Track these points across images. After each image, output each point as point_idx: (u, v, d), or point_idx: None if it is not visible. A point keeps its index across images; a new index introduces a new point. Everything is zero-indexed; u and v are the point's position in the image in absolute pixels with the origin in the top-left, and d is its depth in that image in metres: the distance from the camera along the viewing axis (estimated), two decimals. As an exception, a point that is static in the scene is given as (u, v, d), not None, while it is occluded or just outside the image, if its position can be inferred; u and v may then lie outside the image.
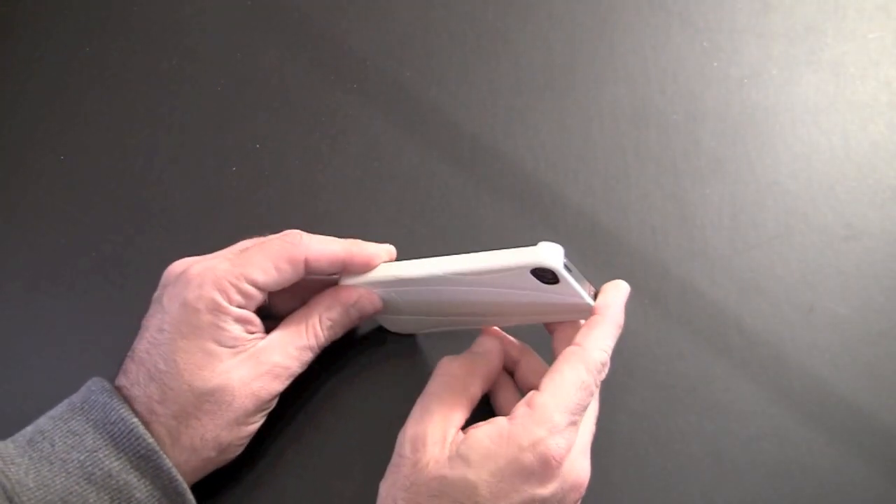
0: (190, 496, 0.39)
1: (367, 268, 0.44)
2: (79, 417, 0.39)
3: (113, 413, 0.38)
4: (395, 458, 0.39)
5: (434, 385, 0.41)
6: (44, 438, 0.38)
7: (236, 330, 0.41)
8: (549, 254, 0.38)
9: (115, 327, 0.44)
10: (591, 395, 0.39)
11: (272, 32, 0.60)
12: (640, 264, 0.51)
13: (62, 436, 0.38)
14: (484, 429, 0.38)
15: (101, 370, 0.42)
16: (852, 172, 0.53)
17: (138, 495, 0.38)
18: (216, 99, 0.57)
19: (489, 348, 0.44)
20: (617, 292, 0.42)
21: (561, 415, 0.37)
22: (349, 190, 0.54)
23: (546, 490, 0.37)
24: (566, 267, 0.39)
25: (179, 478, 0.39)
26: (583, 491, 0.39)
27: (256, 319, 0.42)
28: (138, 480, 0.38)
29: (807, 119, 0.54)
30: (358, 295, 0.44)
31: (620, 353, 0.41)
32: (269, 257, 0.41)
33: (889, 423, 0.45)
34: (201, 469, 0.41)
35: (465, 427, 0.40)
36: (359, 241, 0.44)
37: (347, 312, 0.44)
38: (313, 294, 0.45)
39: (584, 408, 0.39)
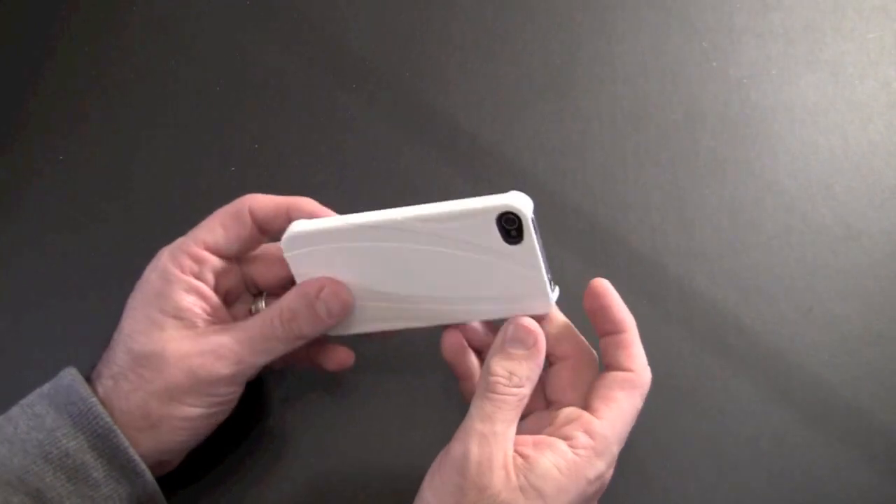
0: (150, 476, 0.39)
1: (314, 214, 0.42)
2: (44, 402, 0.39)
3: (74, 394, 0.39)
4: (454, 478, 0.37)
5: (491, 403, 0.38)
6: (9, 423, 0.38)
7: (184, 300, 0.40)
8: (519, 200, 0.37)
9: (115, 328, 0.44)
10: None
11: (272, 32, 0.60)
12: (640, 264, 0.51)
13: (26, 419, 0.38)
14: (550, 457, 0.37)
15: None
16: (851, 172, 0.53)
17: (95, 475, 0.38)
18: (216, 99, 0.57)
19: (534, 346, 0.40)
20: (613, 301, 0.41)
21: (618, 446, 0.38)
22: (349, 190, 0.54)
23: None
24: (534, 224, 0.37)
25: (136, 457, 0.38)
26: None
27: (213, 297, 0.42)
28: (95, 460, 0.38)
29: (806, 119, 0.54)
30: (322, 284, 0.41)
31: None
32: (215, 217, 0.42)
33: (889, 422, 0.46)
34: (138, 444, 0.39)
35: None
36: (304, 198, 0.43)
37: (311, 305, 0.41)
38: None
39: None
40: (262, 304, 0.44)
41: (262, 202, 0.42)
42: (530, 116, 0.56)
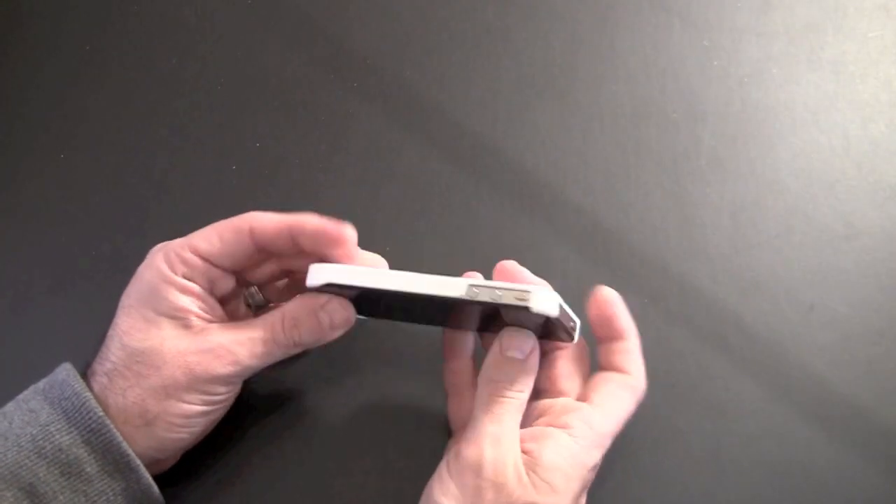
0: (144, 471, 0.39)
1: (320, 238, 0.41)
2: (39, 397, 0.39)
3: (68, 389, 0.39)
4: (470, 479, 0.38)
5: (499, 406, 0.40)
6: (4, 418, 0.39)
7: (179, 300, 0.40)
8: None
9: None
10: None
11: (272, 32, 0.60)
12: (640, 264, 0.50)
13: (20, 414, 0.38)
14: (553, 449, 0.38)
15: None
16: (852, 171, 0.52)
17: (88, 469, 0.38)
18: (216, 98, 0.57)
19: (532, 352, 0.41)
20: (619, 310, 0.42)
21: (611, 439, 0.40)
22: (349, 190, 0.54)
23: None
24: (561, 308, 0.38)
25: (130, 452, 0.38)
26: None
27: (209, 298, 0.42)
28: (88, 455, 0.38)
29: (807, 118, 0.54)
30: (327, 298, 0.41)
31: (620, 352, 0.41)
32: (214, 228, 0.42)
33: (889, 422, 0.45)
34: (134, 442, 0.39)
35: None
36: (308, 215, 0.42)
37: (315, 314, 0.41)
38: None
39: None
40: (254, 291, 0.45)
41: (264, 222, 0.41)
42: (531, 115, 0.56)
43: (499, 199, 0.53)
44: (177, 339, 0.40)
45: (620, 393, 0.41)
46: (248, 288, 0.45)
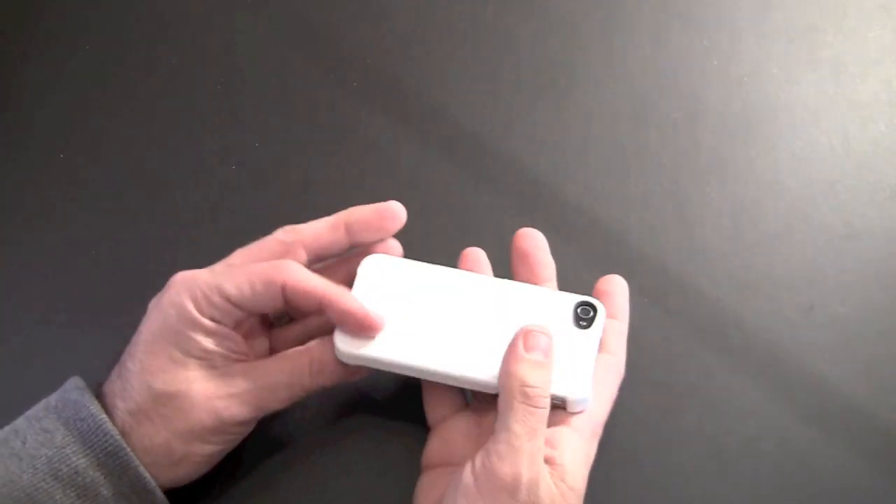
0: (160, 494, 0.39)
1: (343, 318, 0.41)
2: (52, 416, 0.39)
3: (83, 410, 0.38)
4: (504, 500, 0.36)
5: (534, 418, 0.38)
6: (17, 436, 0.38)
7: (206, 342, 0.40)
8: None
9: (115, 328, 0.44)
10: None
11: (272, 32, 0.60)
12: (640, 264, 0.50)
13: (34, 433, 0.38)
14: (570, 452, 0.38)
15: (98, 372, 0.41)
16: (852, 171, 0.52)
17: (105, 492, 0.38)
18: (216, 98, 0.57)
19: (549, 350, 0.40)
20: (623, 293, 0.44)
21: (602, 426, 0.41)
22: (349, 189, 0.54)
23: None
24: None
25: (146, 474, 0.38)
26: None
27: (237, 337, 0.41)
28: (104, 478, 0.38)
29: (807, 118, 0.54)
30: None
31: (620, 352, 0.41)
32: (247, 275, 0.40)
33: (889, 422, 0.45)
34: (156, 477, 0.39)
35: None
36: (343, 290, 0.41)
37: (339, 361, 0.42)
38: None
39: None
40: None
41: (297, 283, 0.40)
42: (531, 115, 0.56)
43: (499, 199, 0.53)
44: (204, 382, 0.39)
45: (608, 377, 0.41)
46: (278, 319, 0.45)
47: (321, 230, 0.43)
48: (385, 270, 0.43)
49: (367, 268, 0.43)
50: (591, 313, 0.41)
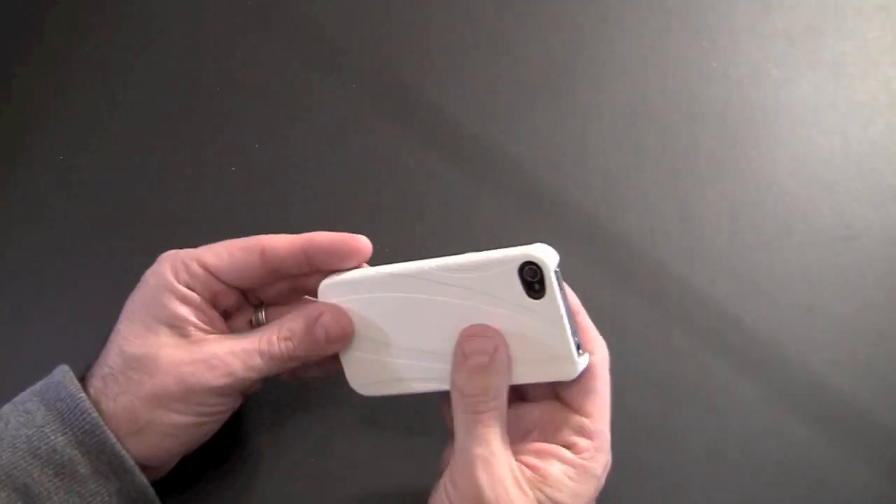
0: (138, 472, 0.39)
1: (333, 254, 0.41)
2: (35, 398, 0.39)
3: (63, 390, 0.39)
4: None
5: (479, 425, 0.37)
6: (0, 420, 0.39)
7: (179, 309, 0.40)
8: (542, 251, 0.36)
9: (113, 327, 0.44)
10: None
11: (272, 32, 0.60)
12: (640, 264, 0.50)
13: (16, 416, 0.39)
14: (559, 467, 0.37)
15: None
16: (852, 172, 0.53)
17: (82, 470, 0.38)
18: (216, 99, 0.57)
19: (496, 350, 0.39)
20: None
21: (609, 433, 0.39)
22: (349, 190, 0.54)
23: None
24: (558, 277, 0.37)
25: (124, 453, 0.38)
26: None
27: (209, 309, 0.41)
28: (82, 456, 0.38)
29: (806, 119, 0.54)
30: (323, 309, 0.41)
31: (620, 353, 0.41)
32: (226, 244, 0.42)
33: (889, 422, 0.45)
34: (127, 445, 0.39)
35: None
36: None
37: (310, 328, 0.41)
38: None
39: None
40: (261, 315, 0.44)
41: (276, 243, 0.41)
42: (531, 116, 0.56)
43: (498, 199, 0.53)
44: (173, 348, 0.40)
45: (599, 386, 0.39)
46: (257, 311, 0.44)
47: (283, 241, 0.41)
48: (341, 292, 0.41)
49: (326, 293, 0.42)
50: (538, 274, 0.36)
